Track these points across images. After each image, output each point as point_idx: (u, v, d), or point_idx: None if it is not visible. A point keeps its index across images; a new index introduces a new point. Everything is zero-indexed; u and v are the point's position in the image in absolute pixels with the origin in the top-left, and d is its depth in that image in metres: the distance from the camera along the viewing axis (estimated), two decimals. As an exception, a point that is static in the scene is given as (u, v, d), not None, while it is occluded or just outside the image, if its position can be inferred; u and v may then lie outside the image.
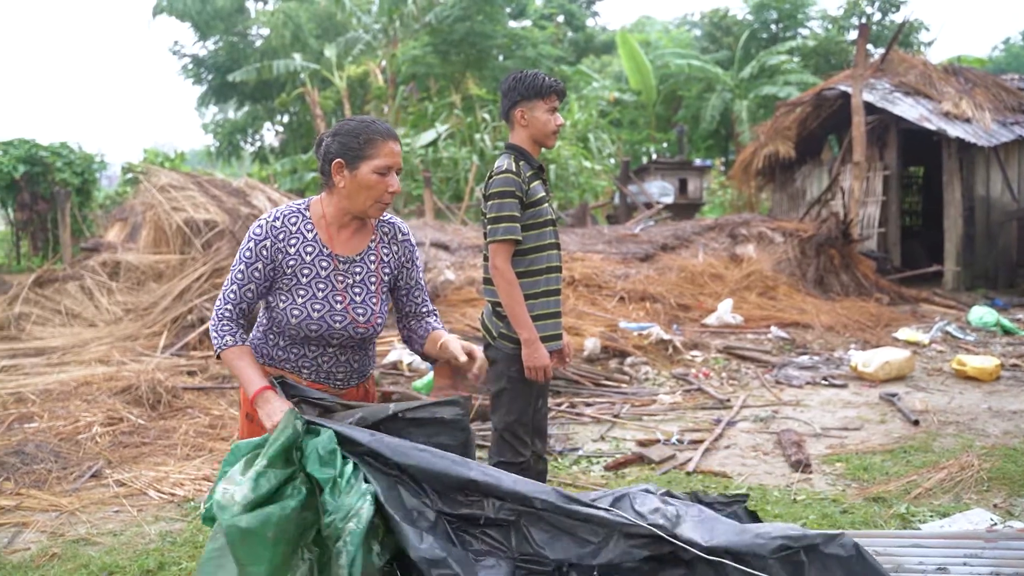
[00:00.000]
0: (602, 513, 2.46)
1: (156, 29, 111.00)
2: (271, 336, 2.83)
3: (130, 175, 17.81)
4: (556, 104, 3.68)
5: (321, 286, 2.73)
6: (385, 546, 2.36)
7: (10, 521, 4.82)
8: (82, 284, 10.59)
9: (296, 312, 2.71)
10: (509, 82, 3.68)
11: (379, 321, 2.83)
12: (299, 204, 2.82)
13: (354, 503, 2.33)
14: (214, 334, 2.76)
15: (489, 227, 3.60)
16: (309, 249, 2.74)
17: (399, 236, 2.92)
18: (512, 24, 28.46)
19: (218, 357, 2.77)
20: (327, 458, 2.43)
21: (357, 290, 2.79)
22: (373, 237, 2.85)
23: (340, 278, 2.76)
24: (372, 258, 2.83)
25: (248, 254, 2.72)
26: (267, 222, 2.74)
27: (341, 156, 2.70)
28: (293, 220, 2.76)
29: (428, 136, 21.00)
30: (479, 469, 2.52)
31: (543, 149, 3.77)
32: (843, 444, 5.71)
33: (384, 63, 25.24)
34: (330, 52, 24.80)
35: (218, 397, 7.20)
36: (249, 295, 2.74)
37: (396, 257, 2.90)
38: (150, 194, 11.24)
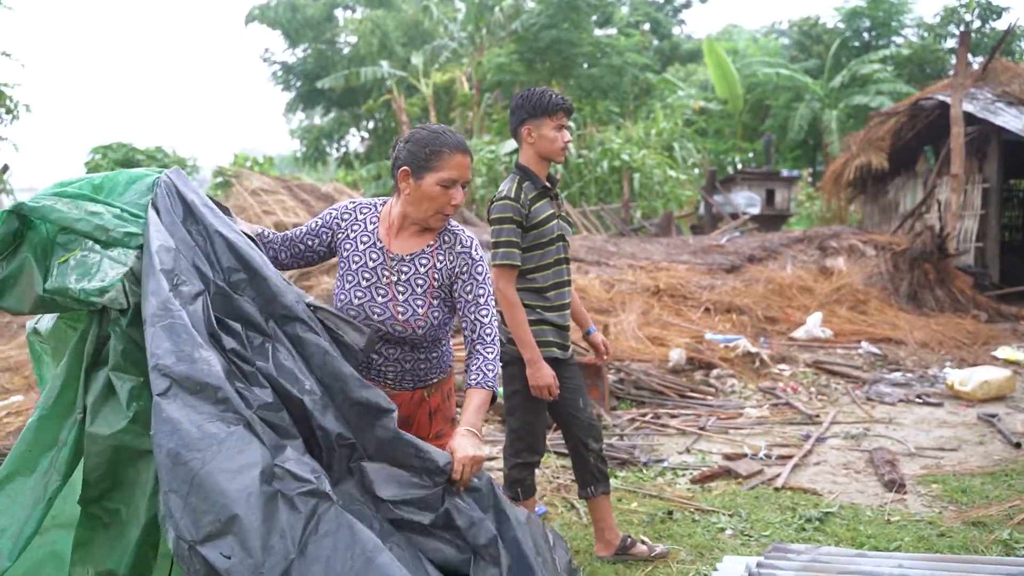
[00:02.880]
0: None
1: (248, 37, 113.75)
2: None
3: (221, 178, 18.25)
4: (564, 122, 3.74)
5: (367, 275, 2.81)
6: None
7: None
8: (175, 284, 10.87)
9: (342, 296, 2.83)
10: (517, 100, 3.75)
11: (421, 324, 2.80)
12: (378, 200, 2.97)
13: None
14: None
15: (491, 251, 3.68)
16: (365, 239, 2.85)
17: (458, 247, 2.85)
18: (598, 32, 28.42)
19: None
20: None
21: (402, 288, 2.80)
22: (432, 242, 2.85)
23: (387, 273, 2.81)
24: (424, 261, 2.82)
25: (323, 215, 2.94)
26: (346, 205, 2.93)
27: (408, 164, 2.73)
28: (365, 210, 2.91)
29: (513, 143, 21.05)
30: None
31: (554, 163, 3.84)
32: (939, 465, 5.51)
33: (470, 70, 25.43)
34: (417, 59, 25.09)
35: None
36: (298, 235, 2.93)
37: (451, 267, 2.83)
38: (241, 197, 11.50)
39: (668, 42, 37.57)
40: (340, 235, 2.87)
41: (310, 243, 2.92)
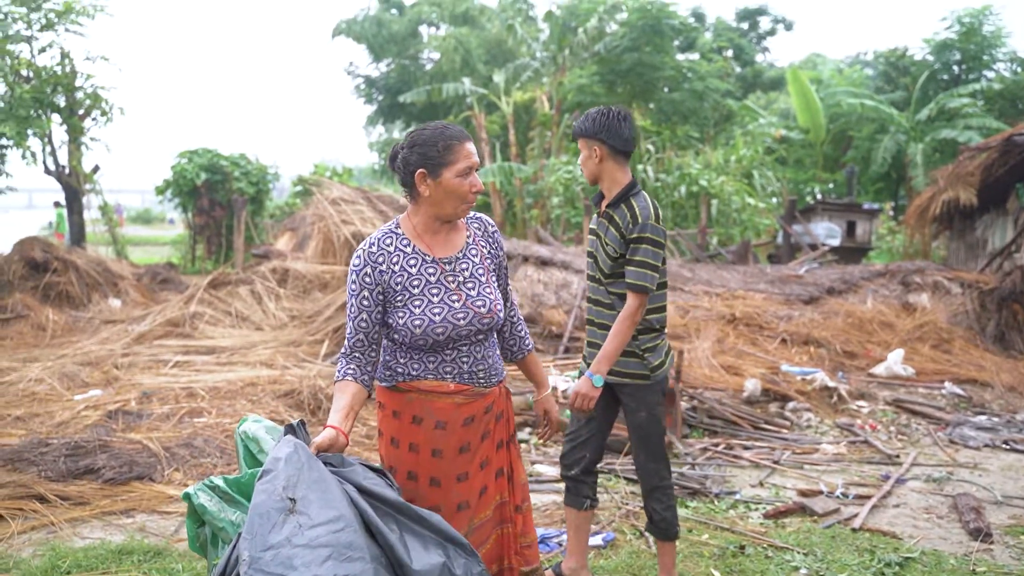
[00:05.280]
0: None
1: (334, 50, 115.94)
2: (400, 355, 2.89)
3: (301, 187, 18.57)
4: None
5: (435, 291, 2.81)
6: None
7: (177, 511, 5.02)
8: (252, 289, 11.06)
9: (417, 322, 2.77)
10: (607, 121, 3.68)
11: (499, 308, 2.90)
12: (389, 225, 2.93)
13: None
14: (337, 366, 2.90)
15: (636, 270, 3.58)
16: (412, 262, 2.83)
17: (489, 229, 3.03)
18: (680, 56, 28.27)
19: None
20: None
21: (470, 285, 2.86)
22: (467, 234, 2.95)
23: (450, 279, 2.84)
24: (474, 252, 2.93)
25: (354, 287, 2.83)
26: (364, 251, 2.85)
27: (423, 166, 2.77)
28: (387, 241, 2.85)
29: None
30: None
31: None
32: (1028, 515, 5.29)
33: (550, 90, 25.48)
34: (498, 77, 25.23)
35: (376, 409, 7.32)
36: (364, 325, 2.82)
37: (492, 249, 3.02)
38: (321, 206, 11.65)
39: (751, 69, 37.25)
40: (382, 277, 2.81)
41: (370, 316, 2.82)
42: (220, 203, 19.53)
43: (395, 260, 2.81)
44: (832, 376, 8.68)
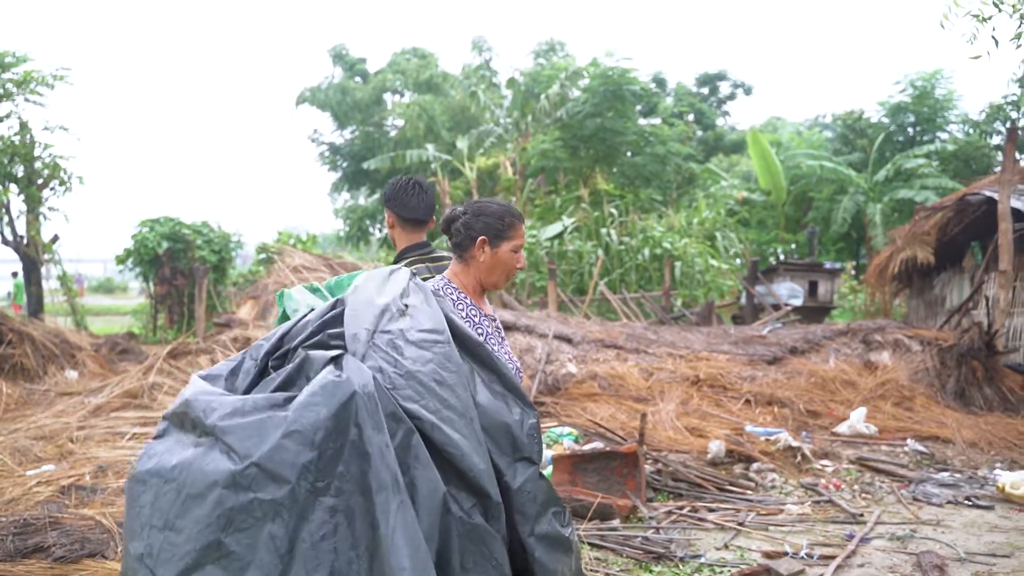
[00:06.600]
0: None
1: (298, 118, 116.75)
2: None
3: (264, 255, 18.52)
4: None
5: (494, 343, 3.06)
6: None
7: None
8: (213, 358, 10.92)
9: None
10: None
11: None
12: (441, 279, 3.13)
13: None
14: None
15: None
16: (473, 313, 3.06)
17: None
18: (642, 121, 28.73)
19: None
20: None
21: (505, 343, 3.19)
22: (488, 300, 3.27)
23: (497, 334, 3.15)
24: (495, 317, 3.23)
25: None
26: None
27: (485, 234, 3.05)
28: (449, 291, 3.06)
29: (554, 229, 21.17)
30: None
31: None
32: (991, 572, 5.26)
33: (514, 156, 25.77)
34: (462, 144, 25.50)
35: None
36: None
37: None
38: (283, 274, 11.62)
39: (712, 133, 37.94)
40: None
41: None
42: (182, 271, 19.40)
43: (460, 308, 3.02)
44: (796, 436, 8.68)
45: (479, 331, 3.01)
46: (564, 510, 2.63)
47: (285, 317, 3.25)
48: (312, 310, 2.77)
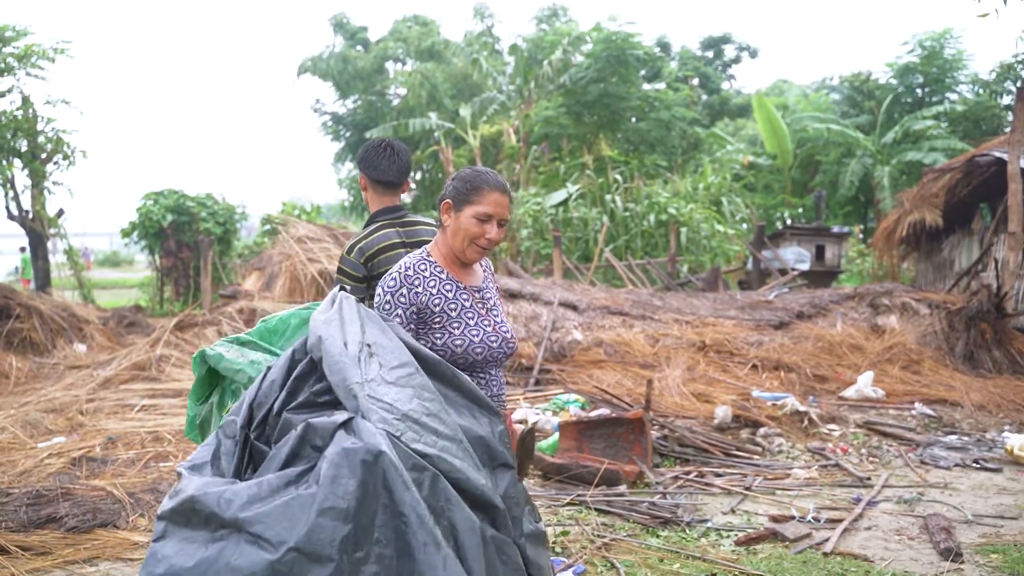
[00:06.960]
0: None
1: (300, 88, 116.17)
2: None
3: (268, 226, 18.51)
4: None
5: (470, 315, 2.95)
6: None
7: (142, 558, 4.90)
8: (219, 329, 10.94)
9: (459, 342, 2.91)
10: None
11: (515, 337, 3.13)
12: (420, 252, 3.04)
13: None
14: None
15: None
16: (448, 287, 2.96)
17: (489, 266, 3.24)
18: (646, 86, 28.53)
19: None
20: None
21: (495, 313, 3.06)
22: (483, 267, 3.16)
23: (480, 306, 3.01)
24: (490, 284, 3.14)
25: (387, 307, 2.92)
26: (399, 273, 2.94)
27: (451, 198, 2.95)
28: (422, 266, 2.96)
29: (559, 196, 21.07)
30: None
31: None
32: (998, 534, 5.27)
33: (517, 123, 25.62)
34: (465, 112, 25.36)
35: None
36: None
37: (495, 284, 3.21)
38: (288, 245, 11.59)
39: (717, 97, 37.65)
40: (422, 297, 2.91)
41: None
42: (187, 244, 19.42)
43: (431, 284, 2.92)
44: (803, 400, 8.68)
45: (452, 306, 2.93)
46: (534, 506, 2.65)
47: (208, 377, 3.12)
48: (263, 366, 2.67)
